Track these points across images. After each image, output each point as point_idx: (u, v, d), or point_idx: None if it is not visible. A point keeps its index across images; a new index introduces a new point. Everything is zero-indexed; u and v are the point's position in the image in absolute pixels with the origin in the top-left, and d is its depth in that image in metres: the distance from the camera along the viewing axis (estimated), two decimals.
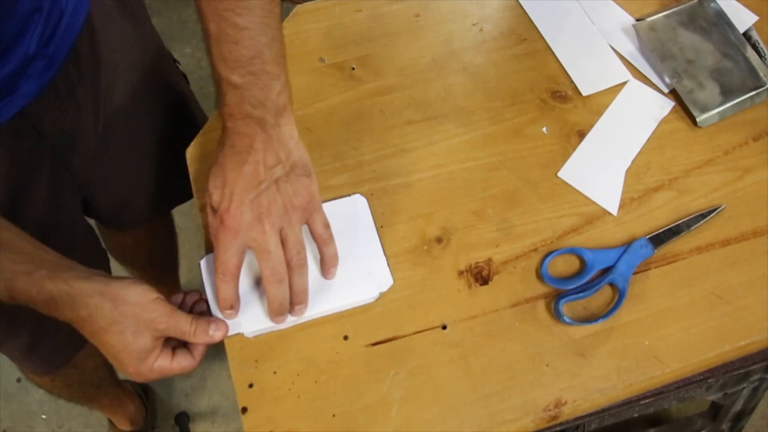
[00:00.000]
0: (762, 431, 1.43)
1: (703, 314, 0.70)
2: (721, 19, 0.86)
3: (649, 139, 0.80)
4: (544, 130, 0.80)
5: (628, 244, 0.72)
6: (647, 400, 0.70)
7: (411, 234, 0.74)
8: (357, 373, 0.67)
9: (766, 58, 0.84)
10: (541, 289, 0.71)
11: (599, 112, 0.81)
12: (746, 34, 0.86)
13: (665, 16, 0.87)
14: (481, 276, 0.72)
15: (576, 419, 0.68)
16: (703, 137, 0.80)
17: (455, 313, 0.70)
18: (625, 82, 0.84)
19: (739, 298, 0.71)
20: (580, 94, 0.82)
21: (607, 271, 0.71)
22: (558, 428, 0.69)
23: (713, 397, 0.95)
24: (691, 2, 0.87)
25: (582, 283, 0.71)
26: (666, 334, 0.69)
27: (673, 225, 0.74)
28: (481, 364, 0.67)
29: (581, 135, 0.80)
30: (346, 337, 0.68)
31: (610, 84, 0.83)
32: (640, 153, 0.79)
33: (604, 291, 0.71)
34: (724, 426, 1.18)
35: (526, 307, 0.70)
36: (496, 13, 0.88)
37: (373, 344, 0.68)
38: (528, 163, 0.78)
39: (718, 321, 0.70)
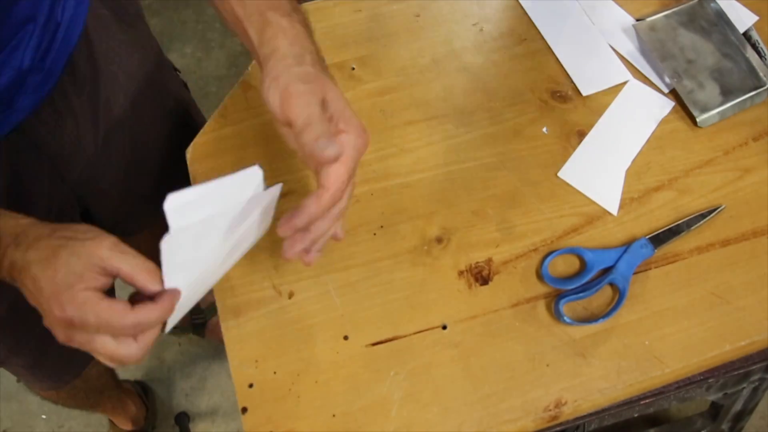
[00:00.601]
0: (762, 431, 1.43)
1: (703, 314, 0.70)
2: (721, 19, 0.86)
3: (649, 139, 0.80)
4: (544, 130, 0.80)
5: (628, 244, 0.72)
6: (647, 400, 0.70)
7: (411, 234, 0.74)
8: (357, 373, 0.67)
9: (766, 58, 0.84)
10: (541, 289, 0.71)
11: (599, 112, 0.81)
12: (746, 34, 0.86)
13: (665, 16, 0.87)
14: (481, 276, 0.72)
15: (576, 419, 0.68)
16: (703, 137, 0.80)
17: (455, 313, 0.70)
18: (625, 82, 0.84)
19: (739, 298, 0.71)
20: (580, 94, 0.82)
21: (608, 271, 0.71)
22: (558, 428, 0.69)
23: (713, 397, 0.95)
24: (691, 2, 0.87)
25: (582, 283, 0.71)
26: (666, 334, 0.69)
27: (673, 225, 0.74)
28: (481, 364, 0.67)
29: (581, 135, 0.80)
30: (346, 337, 0.68)
31: (610, 84, 0.83)
32: (640, 153, 0.79)
33: (605, 291, 0.71)
34: (724, 426, 1.18)
35: (526, 307, 0.70)
36: (496, 13, 0.88)
37: (373, 344, 0.68)
38: (528, 163, 0.78)
39: (718, 321, 0.70)
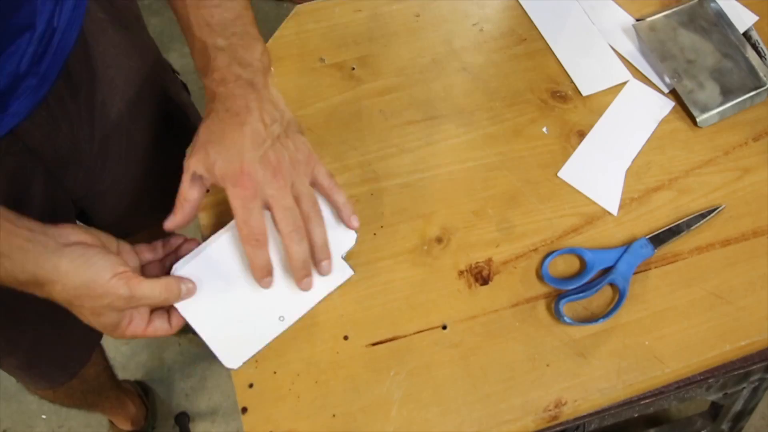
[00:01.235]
0: (762, 431, 1.43)
1: (703, 314, 0.70)
2: (721, 19, 0.86)
3: (649, 139, 0.80)
4: (544, 130, 0.80)
5: (629, 244, 0.72)
6: (647, 400, 0.70)
7: (411, 234, 0.74)
8: (357, 373, 0.67)
9: (766, 58, 0.84)
10: (541, 289, 0.71)
11: (599, 112, 0.81)
12: (746, 34, 0.86)
13: (665, 16, 0.87)
14: (481, 276, 0.72)
15: (576, 419, 0.68)
16: (703, 137, 0.80)
17: (455, 313, 0.70)
18: (625, 82, 0.84)
19: (739, 298, 0.71)
20: (580, 94, 0.82)
21: (608, 271, 0.71)
22: (558, 428, 0.69)
23: (713, 397, 0.95)
24: (691, 2, 0.87)
25: (582, 283, 0.71)
26: (666, 334, 0.69)
27: (673, 225, 0.74)
28: (481, 364, 0.67)
29: (581, 135, 0.80)
30: (346, 337, 0.68)
31: (610, 84, 0.83)
32: (640, 153, 0.79)
33: (605, 291, 0.71)
34: (724, 426, 1.18)
35: (526, 307, 0.70)
36: (496, 13, 0.88)
37: (373, 344, 0.68)
38: (528, 163, 0.78)
39: (718, 321, 0.70)
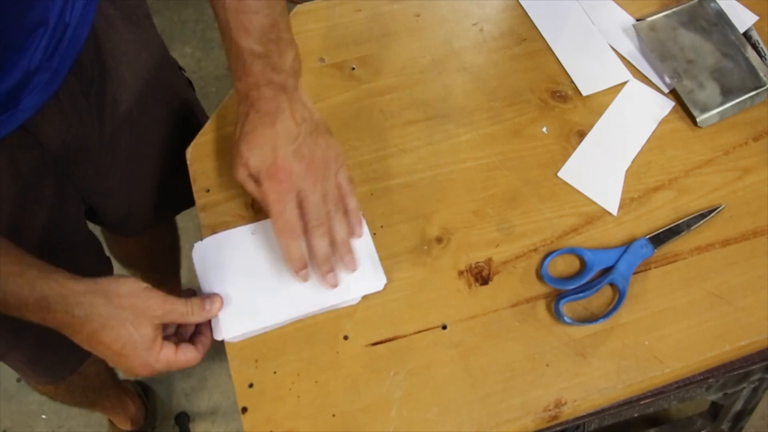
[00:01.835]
0: (762, 431, 1.43)
1: (703, 314, 0.70)
2: (721, 19, 0.86)
3: (649, 139, 0.80)
4: (544, 130, 0.80)
5: (628, 244, 0.72)
6: (647, 400, 0.71)
7: (411, 234, 0.74)
8: (357, 373, 0.67)
9: (766, 58, 0.84)
10: (541, 289, 0.71)
11: (599, 112, 0.81)
12: (746, 34, 0.86)
13: (665, 16, 0.87)
14: (481, 276, 0.72)
15: (576, 419, 0.68)
16: (703, 137, 0.80)
17: (455, 313, 0.70)
18: (625, 82, 0.84)
19: (739, 298, 0.71)
20: (580, 94, 0.82)
21: (608, 271, 0.71)
22: (558, 428, 0.69)
23: (713, 397, 0.95)
24: (691, 2, 0.87)
25: (582, 283, 0.71)
26: (666, 334, 0.69)
27: (673, 225, 0.74)
28: (481, 364, 0.67)
29: (581, 135, 0.80)
30: (346, 337, 0.68)
31: (610, 84, 0.83)
32: (640, 153, 0.79)
33: (605, 291, 0.71)
34: (724, 426, 1.18)
35: (526, 307, 0.70)
36: (496, 13, 0.88)
37: (373, 344, 0.68)
38: (528, 163, 0.78)
39: (718, 321, 0.70)
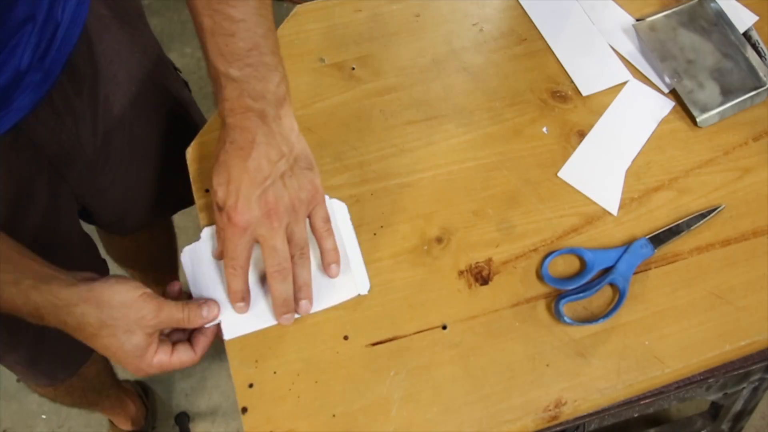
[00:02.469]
0: (762, 431, 1.43)
1: (703, 314, 0.70)
2: (721, 19, 0.86)
3: (649, 139, 0.80)
4: (544, 130, 0.80)
5: (629, 244, 0.72)
6: (647, 400, 0.70)
7: (411, 234, 0.74)
8: (357, 373, 0.67)
9: (766, 58, 0.84)
10: (541, 289, 0.71)
11: (599, 112, 0.81)
12: (746, 34, 0.86)
13: (665, 16, 0.87)
14: (481, 276, 0.72)
15: (576, 419, 0.68)
16: (703, 137, 0.80)
17: (455, 313, 0.70)
18: (625, 82, 0.84)
19: (739, 298, 0.71)
20: (580, 94, 0.82)
21: (608, 271, 0.71)
22: (558, 428, 0.69)
23: (713, 397, 0.95)
24: (691, 2, 0.87)
25: (582, 283, 0.71)
26: (666, 334, 0.69)
27: (673, 225, 0.74)
28: (481, 364, 0.67)
29: (581, 135, 0.80)
30: (346, 337, 0.68)
31: (610, 84, 0.83)
32: (640, 153, 0.79)
33: (605, 291, 0.71)
34: (724, 426, 1.18)
35: (526, 307, 0.70)
36: (496, 13, 0.88)
37: (373, 344, 0.68)
38: (528, 163, 0.78)
39: (718, 321, 0.70)
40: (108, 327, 0.60)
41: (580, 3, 0.89)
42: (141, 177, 0.92)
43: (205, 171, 0.76)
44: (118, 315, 0.60)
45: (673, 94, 0.83)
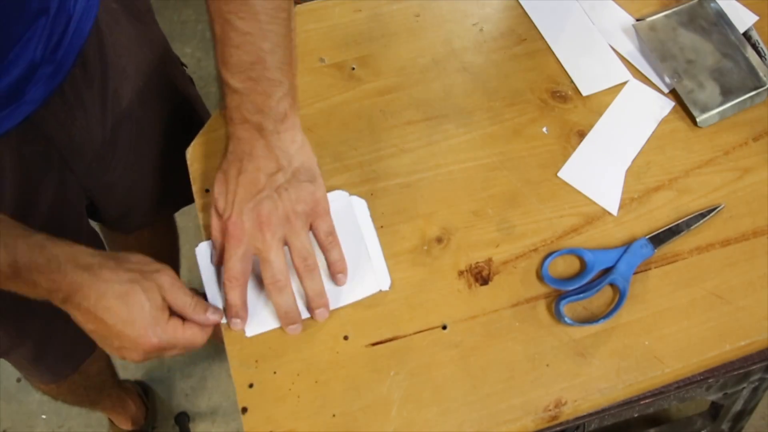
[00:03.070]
0: (762, 431, 1.43)
1: (703, 314, 0.70)
2: (721, 19, 0.86)
3: (649, 139, 0.80)
4: (544, 130, 0.80)
5: (629, 244, 0.72)
6: (647, 400, 0.70)
7: (411, 234, 0.74)
8: (357, 373, 0.67)
9: (766, 58, 0.84)
10: (541, 290, 0.71)
11: (599, 112, 0.81)
12: (746, 34, 0.86)
13: (665, 16, 0.87)
14: (481, 276, 0.72)
15: (576, 419, 0.68)
16: (703, 137, 0.80)
17: (455, 313, 0.70)
18: (625, 82, 0.84)
19: (739, 298, 0.71)
20: (580, 94, 0.82)
21: (608, 271, 0.71)
22: (558, 428, 0.69)
23: (713, 397, 0.95)
24: (691, 2, 0.87)
25: (582, 283, 0.71)
26: (666, 334, 0.69)
27: (673, 225, 0.74)
28: (481, 364, 0.67)
29: (581, 135, 0.80)
30: (346, 337, 0.68)
31: (610, 84, 0.83)
32: (640, 153, 0.79)
33: (605, 291, 0.71)
34: (724, 426, 1.18)
35: (526, 307, 0.70)
36: (496, 13, 0.88)
37: (373, 344, 0.68)
38: (528, 163, 0.78)
39: (718, 321, 0.70)
40: (127, 280, 0.59)
41: (580, 3, 0.89)
42: (147, 171, 0.93)
43: (205, 171, 0.76)
44: (137, 269, 0.61)
45: (673, 94, 0.83)
